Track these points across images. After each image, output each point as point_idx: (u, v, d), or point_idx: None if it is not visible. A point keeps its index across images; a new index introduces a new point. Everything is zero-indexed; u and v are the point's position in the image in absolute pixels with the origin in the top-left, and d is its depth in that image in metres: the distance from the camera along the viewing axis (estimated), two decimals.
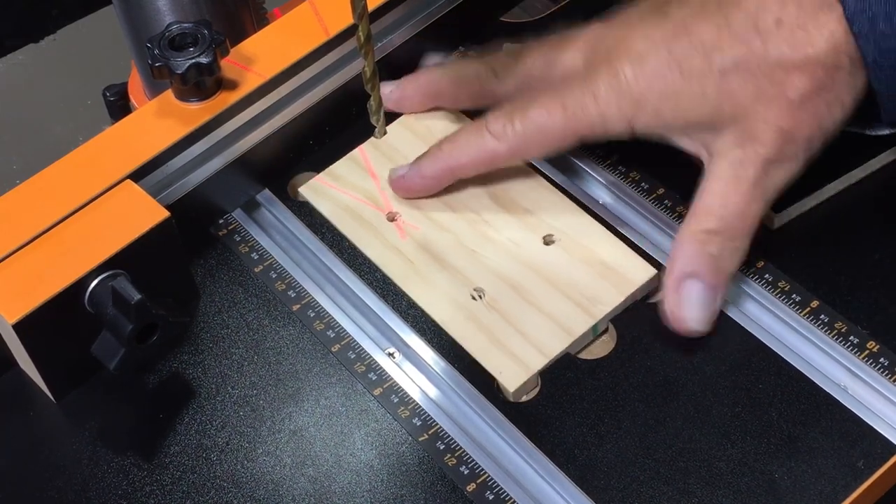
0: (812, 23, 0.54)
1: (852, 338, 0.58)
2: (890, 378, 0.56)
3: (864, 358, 0.57)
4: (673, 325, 0.58)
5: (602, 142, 0.60)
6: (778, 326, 0.59)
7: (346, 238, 0.64)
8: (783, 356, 0.58)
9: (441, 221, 0.63)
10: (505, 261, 0.61)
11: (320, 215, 0.65)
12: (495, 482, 0.55)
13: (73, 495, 0.56)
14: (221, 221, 0.66)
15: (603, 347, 0.59)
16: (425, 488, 0.55)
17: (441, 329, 0.60)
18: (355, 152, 0.67)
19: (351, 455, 0.57)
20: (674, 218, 0.63)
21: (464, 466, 0.56)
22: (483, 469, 0.55)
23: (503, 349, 0.58)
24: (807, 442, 0.55)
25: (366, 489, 0.55)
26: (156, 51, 0.62)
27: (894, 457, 0.54)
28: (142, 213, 0.58)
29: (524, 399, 0.58)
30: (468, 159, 0.62)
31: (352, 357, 0.60)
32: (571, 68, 0.61)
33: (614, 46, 0.59)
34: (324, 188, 0.66)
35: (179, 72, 0.61)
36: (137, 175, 0.61)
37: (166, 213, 0.58)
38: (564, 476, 0.55)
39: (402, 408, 0.58)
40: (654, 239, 0.63)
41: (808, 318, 0.59)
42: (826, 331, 0.58)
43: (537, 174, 0.65)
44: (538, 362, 0.58)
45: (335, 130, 0.68)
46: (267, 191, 0.67)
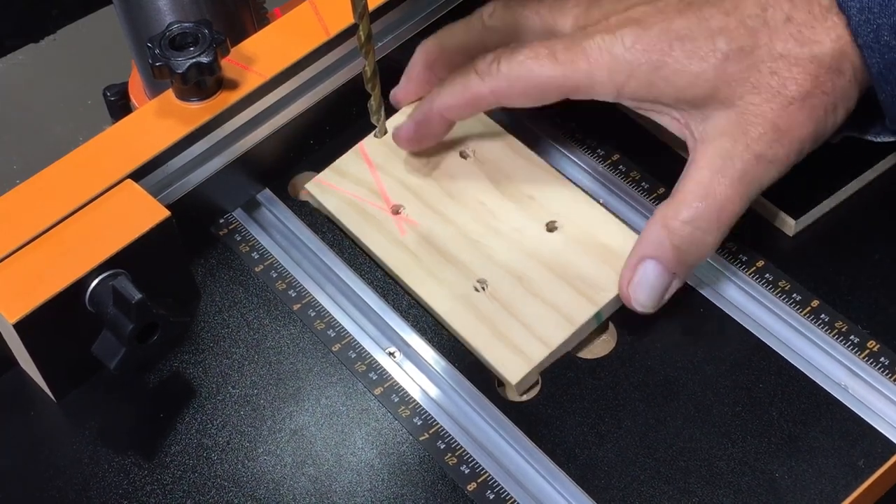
0: (821, 25, 0.54)
1: (853, 337, 0.58)
2: (890, 377, 0.56)
3: (865, 357, 0.57)
4: (622, 299, 0.58)
5: (585, 100, 0.59)
6: (778, 326, 0.59)
7: (351, 233, 0.64)
8: (783, 355, 0.58)
9: (445, 213, 0.63)
10: (508, 250, 0.61)
11: (321, 215, 0.65)
12: (496, 481, 0.55)
13: (74, 495, 0.56)
14: (222, 221, 0.66)
15: (603, 347, 0.59)
16: (426, 488, 0.55)
17: (442, 328, 0.60)
18: (357, 148, 0.67)
19: (351, 454, 0.57)
20: None
21: (464, 466, 0.56)
22: (484, 468, 0.55)
23: (505, 341, 0.58)
24: (807, 441, 0.55)
25: (366, 488, 0.55)
26: (156, 50, 0.62)
27: (895, 456, 0.54)
28: (142, 213, 0.58)
29: (525, 398, 0.58)
30: (454, 100, 0.61)
31: (352, 356, 0.60)
32: (569, 24, 0.60)
33: (617, 10, 0.58)
34: (327, 188, 0.66)
35: (180, 71, 0.61)
36: (138, 175, 0.61)
37: (167, 213, 0.58)
38: (565, 475, 0.55)
39: (403, 407, 0.58)
40: None
41: (809, 318, 0.59)
42: (826, 330, 0.58)
43: (541, 159, 0.64)
44: (541, 353, 0.58)
45: (335, 130, 0.68)
46: (267, 190, 0.67)
